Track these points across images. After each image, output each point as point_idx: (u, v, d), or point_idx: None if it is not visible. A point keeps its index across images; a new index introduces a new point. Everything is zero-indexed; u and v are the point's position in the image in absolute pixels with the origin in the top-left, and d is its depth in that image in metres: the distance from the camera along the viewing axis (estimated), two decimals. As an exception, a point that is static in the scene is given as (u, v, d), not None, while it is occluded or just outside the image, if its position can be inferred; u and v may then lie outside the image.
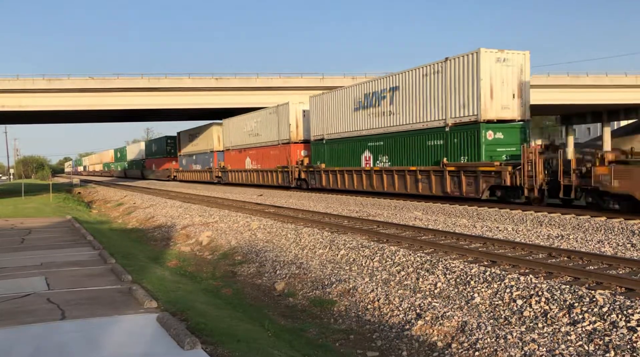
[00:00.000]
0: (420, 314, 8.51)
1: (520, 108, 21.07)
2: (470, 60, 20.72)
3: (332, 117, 30.52)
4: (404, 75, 24.30)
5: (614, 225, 14.54)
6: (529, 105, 21.31)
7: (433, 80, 22.52)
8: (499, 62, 20.63)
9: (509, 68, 20.73)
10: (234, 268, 13.65)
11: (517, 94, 20.96)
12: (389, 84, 25.38)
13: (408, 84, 24.02)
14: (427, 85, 22.81)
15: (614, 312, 7.38)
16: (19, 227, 19.08)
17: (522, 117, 21.13)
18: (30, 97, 40.80)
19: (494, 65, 20.47)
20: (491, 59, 20.49)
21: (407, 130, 24.21)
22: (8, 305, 7.82)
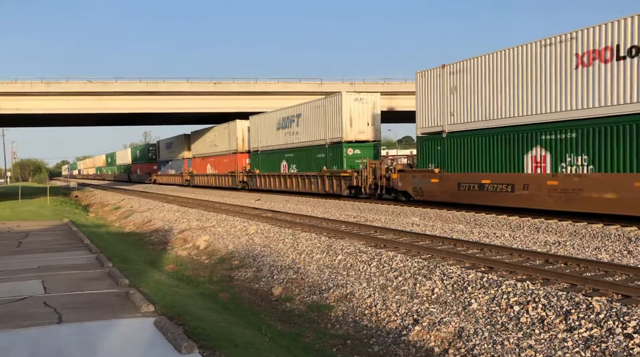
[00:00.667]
0: (417, 320, 8.51)
1: (373, 132, 29.85)
2: (338, 99, 29.46)
3: (263, 134, 38.83)
4: (305, 106, 33.23)
5: (610, 232, 14.57)
6: (380, 130, 30.07)
7: (319, 111, 31.35)
8: (357, 101, 29.15)
9: (364, 105, 29.35)
10: (231, 272, 13.64)
11: (370, 122, 29.50)
12: (296, 112, 34.17)
13: (306, 112, 32.84)
14: (316, 114, 31.62)
15: (610, 319, 7.40)
16: (16, 230, 19.03)
17: (374, 138, 29.87)
18: (29, 100, 40.80)
19: (352, 103, 29.17)
20: (351, 98, 29.23)
21: (305, 146, 32.96)
22: (4, 308, 7.80)
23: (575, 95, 16.82)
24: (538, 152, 18.20)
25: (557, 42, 17.38)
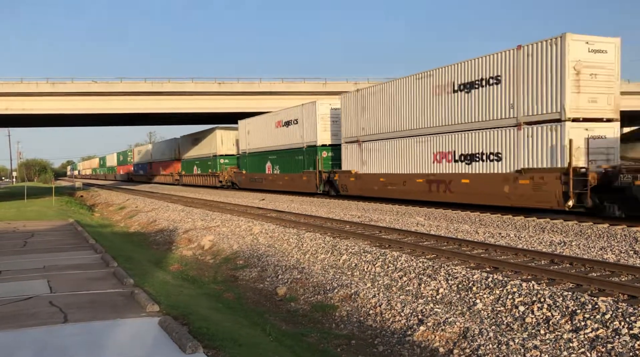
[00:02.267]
0: (422, 320, 8.50)
1: None
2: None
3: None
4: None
5: (616, 232, 14.51)
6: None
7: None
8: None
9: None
10: (235, 272, 13.65)
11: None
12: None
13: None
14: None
15: (616, 319, 7.36)
16: (22, 230, 19.11)
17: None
18: (34, 101, 40.94)
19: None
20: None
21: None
22: (10, 308, 7.83)
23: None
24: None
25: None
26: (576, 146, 17.37)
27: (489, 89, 20.26)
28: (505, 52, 19.62)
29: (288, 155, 35.73)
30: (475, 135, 20.89)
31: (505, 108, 19.62)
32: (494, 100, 20.09)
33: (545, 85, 18.12)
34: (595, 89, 17.96)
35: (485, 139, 20.52)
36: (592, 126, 17.97)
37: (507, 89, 19.50)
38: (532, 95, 18.56)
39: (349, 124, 29.33)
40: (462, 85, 21.47)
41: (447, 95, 22.24)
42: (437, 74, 22.82)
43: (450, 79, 22.07)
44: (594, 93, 17.94)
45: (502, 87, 19.73)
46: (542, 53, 18.26)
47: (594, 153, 17.82)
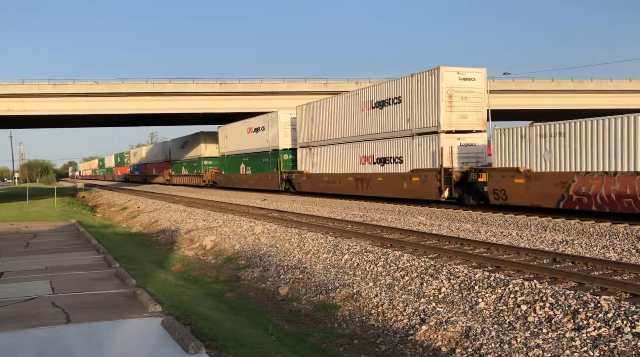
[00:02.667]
0: (424, 319, 8.50)
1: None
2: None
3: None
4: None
5: (618, 230, 14.49)
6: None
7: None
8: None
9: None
10: (237, 272, 13.66)
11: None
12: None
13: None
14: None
15: (619, 318, 7.36)
16: (24, 231, 19.15)
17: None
18: (36, 102, 41.01)
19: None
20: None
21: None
22: (13, 309, 7.84)
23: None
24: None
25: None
26: (448, 152, 22.38)
27: (394, 107, 25.64)
28: (404, 79, 24.73)
29: (257, 157, 40.82)
30: (387, 143, 26.29)
31: (404, 122, 24.98)
32: (397, 116, 25.48)
33: (429, 105, 23.25)
34: (466, 108, 22.85)
35: (392, 146, 25.87)
36: (463, 136, 22.88)
37: (405, 108, 24.81)
38: (421, 113, 23.81)
39: (302, 132, 34.37)
40: (377, 103, 26.77)
41: (368, 111, 27.54)
42: (362, 93, 28.10)
43: (370, 97, 27.27)
44: (464, 111, 22.84)
45: (402, 106, 25.01)
46: (426, 81, 23.29)
47: (466, 157, 22.72)
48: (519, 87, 47.64)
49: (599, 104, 48.44)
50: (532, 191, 18.63)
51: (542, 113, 55.67)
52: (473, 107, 22.95)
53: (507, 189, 19.60)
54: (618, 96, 48.61)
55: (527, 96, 48.41)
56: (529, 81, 47.73)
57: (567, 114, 56.17)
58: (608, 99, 48.48)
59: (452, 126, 22.63)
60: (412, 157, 24.50)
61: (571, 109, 50.30)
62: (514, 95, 48.18)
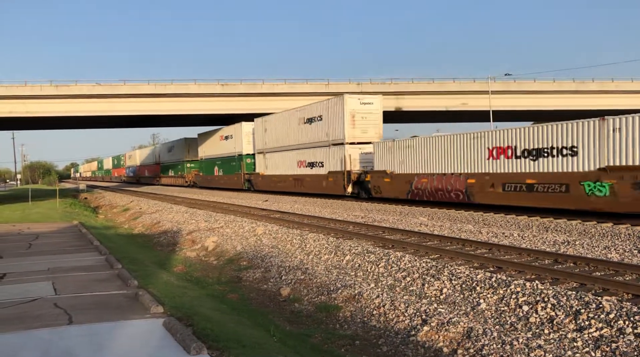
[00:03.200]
0: (425, 320, 8.50)
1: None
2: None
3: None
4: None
5: (620, 231, 14.47)
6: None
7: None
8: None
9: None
10: (239, 273, 13.67)
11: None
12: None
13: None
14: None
15: (620, 319, 7.35)
16: (26, 232, 19.19)
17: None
18: (38, 103, 41.09)
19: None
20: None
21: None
22: (15, 310, 7.87)
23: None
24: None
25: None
26: (350, 158, 29.44)
27: (318, 123, 32.79)
28: (323, 102, 32.29)
29: (227, 161, 47.64)
30: (314, 151, 33.27)
31: (324, 135, 31.98)
32: (320, 130, 32.49)
33: (338, 123, 30.33)
34: (366, 125, 29.89)
35: (317, 153, 32.90)
36: (363, 146, 29.63)
37: (325, 124, 31.90)
38: (334, 128, 30.88)
39: (258, 140, 41.49)
40: (308, 119, 34.00)
41: (302, 125, 34.64)
42: (299, 111, 35.28)
43: (303, 115, 34.49)
44: (364, 127, 29.83)
45: (323, 123, 32.20)
46: (336, 104, 30.60)
47: (365, 162, 29.49)
48: (520, 88, 47.60)
49: (600, 104, 48.36)
50: (393, 187, 26.12)
51: (544, 114, 55.60)
52: (371, 124, 30.04)
53: (380, 185, 27.23)
54: (620, 97, 48.54)
55: (529, 97, 48.37)
56: (530, 82, 47.70)
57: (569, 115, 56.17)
58: (610, 100, 48.41)
59: (355, 139, 29.77)
60: (329, 162, 31.50)
61: (573, 110, 50.24)
62: (516, 96, 48.15)
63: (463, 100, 47.06)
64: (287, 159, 36.61)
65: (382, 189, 26.99)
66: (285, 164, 36.82)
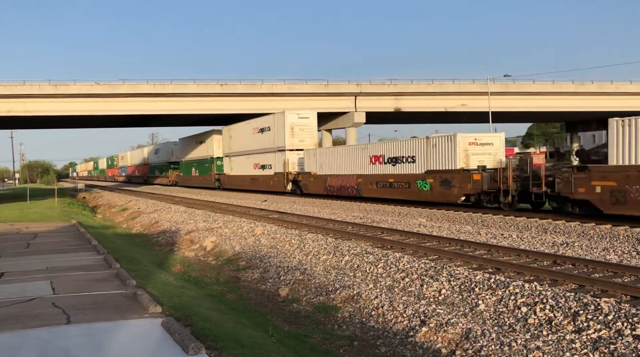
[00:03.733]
0: (424, 321, 8.50)
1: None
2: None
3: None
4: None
5: (619, 232, 14.49)
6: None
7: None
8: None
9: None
10: (238, 274, 13.66)
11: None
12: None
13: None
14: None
15: (619, 320, 7.36)
16: (25, 231, 19.16)
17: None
18: (37, 102, 40.99)
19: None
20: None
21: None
22: (13, 309, 7.85)
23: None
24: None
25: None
26: (291, 162, 36.47)
27: (268, 133, 40.01)
28: (271, 116, 39.65)
29: (202, 163, 54.94)
30: (265, 156, 40.40)
31: (272, 142, 39.20)
32: (269, 139, 39.73)
33: (281, 133, 37.43)
34: (303, 135, 37.04)
35: (267, 158, 39.96)
36: (300, 153, 36.30)
37: (272, 134, 39.06)
38: (279, 137, 37.90)
39: (225, 145, 49.41)
40: (260, 129, 41.70)
41: (256, 134, 42.12)
42: (252, 122, 42.78)
43: (257, 125, 42.05)
44: (302, 137, 36.96)
45: (271, 133, 39.38)
46: (279, 118, 37.88)
47: (301, 165, 35.86)
48: (519, 89, 47.62)
49: (599, 106, 48.39)
50: (316, 185, 33.45)
51: (543, 115, 55.66)
52: (308, 135, 37.48)
53: (308, 184, 34.45)
54: (619, 98, 48.57)
55: (528, 98, 48.39)
56: (529, 83, 47.70)
57: (568, 116, 56.25)
58: (609, 101, 48.44)
59: (294, 146, 37.02)
60: (275, 165, 38.71)
61: (572, 111, 50.28)
62: (515, 97, 48.17)
63: (462, 101, 47.08)
64: (245, 162, 44.43)
65: (309, 187, 34.11)
66: (245, 166, 44.55)
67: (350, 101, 46.46)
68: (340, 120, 48.63)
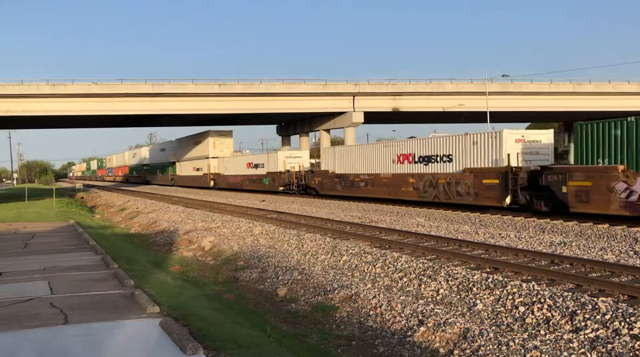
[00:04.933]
0: (422, 321, 8.51)
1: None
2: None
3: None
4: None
5: (616, 232, 14.51)
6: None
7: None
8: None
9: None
10: (236, 273, 13.66)
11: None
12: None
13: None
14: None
15: (616, 320, 7.37)
16: (22, 231, 19.13)
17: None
18: (35, 102, 40.93)
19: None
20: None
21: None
22: (11, 309, 7.84)
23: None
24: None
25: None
26: (212, 165, 52.97)
27: (200, 145, 55.94)
28: (201, 133, 55.99)
29: (164, 166, 70.52)
30: (199, 161, 55.69)
31: (203, 152, 54.67)
32: (202, 149, 55.13)
33: (206, 146, 54.38)
34: (223, 148, 54.05)
35: (201, 163, 55.04)
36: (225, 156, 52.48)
37: (204, 146, 55.11)
38: (207, 148, 53.99)
39: (176, 152, 64.77)
40: (196, 142, 57.19)
41: (194, 145, 57.88)
42: (192, 138, 58.01)
43: (196, 139, 57.45)
44: (221, 149, 53.70)
45: (202, 145, 55.12)
46: (206, 136, 54.36)
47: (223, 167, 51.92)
48: (517, 89, 47.68)
49: (597, 106, 48.46)
50: (227, 182, 49.54)
51: (541, 115, 55.70)
52: (226, 147, 54.74)
53: (219, 181, 51.37)
54: (616, 98, 48.65)
55: (526, 98, 48.45)
56: (527, 83, 47.76)
57: (566, 116, 56.31)
58: (606, 101, 48.50)
59: (216, 154, 53.64)
60: (207, 168, 53.81)
61: (569, 111, 50.33)
62: (513, 97, 48.23)
63: (460, 101, 47.12)
64: (187, 166, 60.65)
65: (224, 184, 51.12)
66: (187, 169, 60.88)
67: (348, 101, 46.48)
68: (338, 120, 48.65)
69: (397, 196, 26.30)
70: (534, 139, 21.07)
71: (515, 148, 20.54)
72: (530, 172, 19.54)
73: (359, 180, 29.51)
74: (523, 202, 19.55)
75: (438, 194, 23.67)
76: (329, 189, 32.66)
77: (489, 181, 20.93)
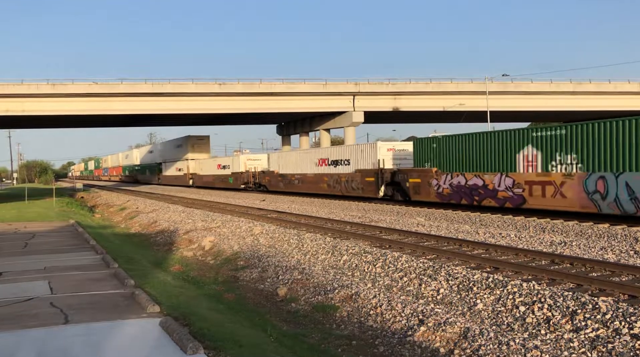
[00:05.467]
0: (422, 320, 8.50)
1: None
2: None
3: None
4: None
5: (617, 232, 14.51)
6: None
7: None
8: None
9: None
10: (236, 273, 13.66)
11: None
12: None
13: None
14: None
15: (617, 319, 7.37)
16: (23, 231, 19.13)
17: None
18: (35, 102, 40.96)
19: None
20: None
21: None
22: (11, 309, 7.84)
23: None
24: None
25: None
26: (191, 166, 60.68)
27: (180, 148, 66.32)
28: (182, 138, 66.91)
29: (152, 167, 77.84)
30: (180, 163, 64.74)
31: (178, 155, 66.44)
32: (178, 152, 66.70)
33: (184, 149, 65.33)
34: (201, 152, 64.03)
35: (182, 164, 63.80)
36: (200, 161, 60.02)
37: (184, 149, 65.13)
38: (186, 151, 64.55)
39: (162, 154, 72.62)
40: (177, 146, 67.85)
41: (176, 148, 67.81)
42: (171, 142, 71.40)
43: (175, 143, 68.99)
44: (201, 153, 63.91)
45: (182, 148, 66.03)
46: (185, 140, 65.56)
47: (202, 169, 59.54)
48: (517, 89, 47.68)
49: (597, 106, 48.46)
50: (203, 180, 56.81)
51: (541, 114, 55.71)
52: (204, 150, 63.67)
53: (196, 180, 58.34)
54: (617, 98, 48.66)
55: (526, 98, 48.46)
56: (527, 83, 47.77)
57: (566, 116, 56.28)
58: (607, 101, 48.50)
59: (195, 157, 61.21)
60: (187, 168, 60.38)
61: (570, 111, 50.35)
62: (513, 96, 48.24)
63: (460, 100, 47.13)
64: (172, 167, 67.32)
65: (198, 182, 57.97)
66: (171, 170, 67.15)
67: (348, 101, 46.49)
68: (338, 120, 48.67)
69: (317, 191, 33.22)
70: (403, 148, 27.91)
71: (387, 155, 27.58)
72: (392, 172, 26.26)
73: (294, 178, 36.43)
74: (390, 194, 26.38)
75: (341, 188, 30.67)
76: (275, 186, 39.52)
77: (369, 178, 27.83)
